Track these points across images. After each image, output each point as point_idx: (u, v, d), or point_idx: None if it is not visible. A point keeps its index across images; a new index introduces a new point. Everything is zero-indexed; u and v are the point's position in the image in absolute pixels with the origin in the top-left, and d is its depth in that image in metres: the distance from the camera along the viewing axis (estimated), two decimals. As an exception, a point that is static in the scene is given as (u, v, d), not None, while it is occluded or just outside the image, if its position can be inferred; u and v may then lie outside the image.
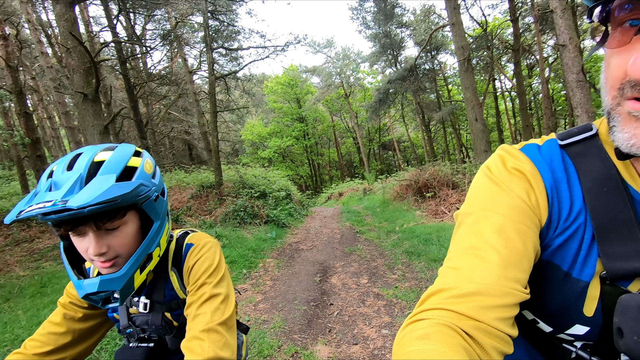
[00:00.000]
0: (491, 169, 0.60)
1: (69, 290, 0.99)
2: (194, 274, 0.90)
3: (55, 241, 7.20)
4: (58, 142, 22.53)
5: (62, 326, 0.94)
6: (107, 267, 0.79)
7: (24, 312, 3.93)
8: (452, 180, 8.32)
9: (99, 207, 0.68)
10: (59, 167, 0.76)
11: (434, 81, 19.54)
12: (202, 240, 0.97)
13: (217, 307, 0.84)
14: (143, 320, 0.95)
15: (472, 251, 0.53)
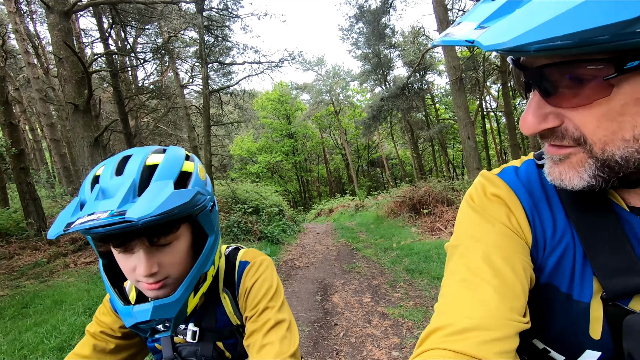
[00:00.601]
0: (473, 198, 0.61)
1: (100, 318, 0.86)
2: (253, 297, 0.79)
3: (37, 258, 6.81)
4: (40, 155, 21.86)
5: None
6: (155, 288, 0.68)
7: (4, 336, 3.63)
8: (446, 197, 8.35)
9: (156, 219, 0.57)
10: (106, 171, 0.66)
11: (422, 100, 19.96)
12: (257, 257, 0.86)
13: (284, 336, 0.73)
14: (191, 351, 0.83)
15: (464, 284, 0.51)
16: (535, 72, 0.44)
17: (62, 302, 4.49)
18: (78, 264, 6.54)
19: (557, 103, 0.43)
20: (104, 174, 0.65)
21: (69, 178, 13.61)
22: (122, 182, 0.63)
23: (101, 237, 0.63)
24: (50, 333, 3.52)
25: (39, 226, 7.82)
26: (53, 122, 13.99)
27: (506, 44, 0.36)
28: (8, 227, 7.97)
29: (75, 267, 6.33)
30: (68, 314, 4.03)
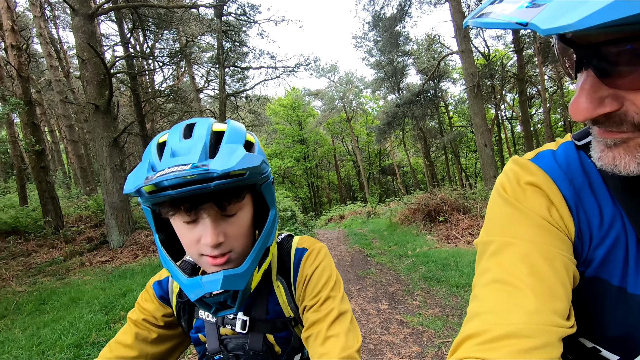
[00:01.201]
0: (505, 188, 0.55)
1: (142, 305, 0.82)
2: (313, 286, 0.74)
3: (53, 255, 6.90)
4: (57, 156, 22.36)
5: (133, 349, 0.77)
6: (220, 263, 0.65)
7: (22, 331, 3.65)
8: (463, 205, 8.20)
9: (227, 183, 0.58)
10: (174, 135, 0.64)
11: (436, 108, 19.83)
12: (315, 244, 0.81)
13: (349, 329, 0.68)
14: (238, 343, 0.77)
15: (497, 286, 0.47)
16: (591, 50, 0.37)
17: (78, 300, 4.50)
18: (94, 262, 6.59)
19: (617, 84, 0.38)
20: (171, 138, 0.64)
21: (86, 179, 13.85)
22: (192, 143, 0.61)
23: (171, 200, 0.60)
24: (68, 330, 3.52)
25: (56, 224, 7.94)
26: (72, 123, 14.31)
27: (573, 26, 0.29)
28: (27, 224, 8.11)
29: (91, 266, 6.38)
30: (85, 311, 4.04)
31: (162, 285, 0.83)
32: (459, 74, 23.03)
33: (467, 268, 5.17)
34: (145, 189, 0.57)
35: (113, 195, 7.17)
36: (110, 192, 7.17)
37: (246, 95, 13.88)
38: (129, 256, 6.81)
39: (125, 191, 0.58)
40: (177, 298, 0.80)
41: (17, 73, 7.41)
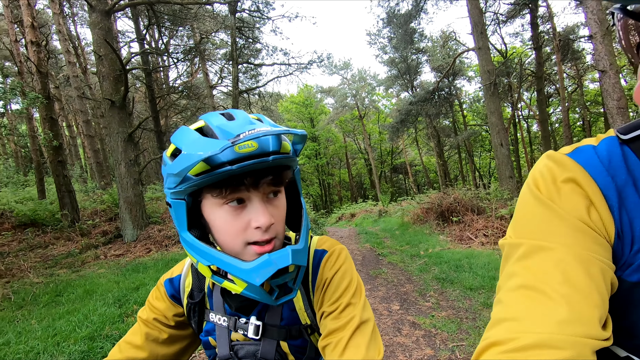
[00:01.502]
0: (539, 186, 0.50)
1: (153, 304, 0.79)
2: (333, 291, 0.70)
3: (69, 248, 7.05)
4: (74, 150, 22.86)
5: (143, 350, 0.74)
6: (268, 250, 0.62)
7: (39, 322, 3.72)
8: (477, 205, 8.04)
9: (281, 158, 0.60)
10: (217, 119, 0.62)
11: (451, 106, 19.52)
12: (335, 246, 0.77)
13: (370, 339, 0.63)
14: (249, 350, 0.73)
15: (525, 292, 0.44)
16: None
17: (93, 292, 4.57)
18: (108, 255, 6.70)
19: None
20: (216, 121, 0.62)
21: (101, 173, 14.11)
22: (241, 121, 0.62)
23: (228, 175, 0.58)
24: (82, 322, 3.57)
25: (72, 218, 8.11)
26: (89, 119, 14.59)
27: None
28: (44, 217, 8.30)
29: (106, 259, 6.49)
30: (99, 304, 4.09)
31: (173, 284, 0.80)
32: (475, 71, 22.63)
33: (481, 270, 5.06)
34: (195, 169, 0.56)
35: (127, 189, 7.27)
36: (125, 187, 7.27)
37: (259, 92, 13.90)
38: (142, 250, 6.90)
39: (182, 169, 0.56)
40: (188, 298, 0.77)
41: (37, 69, 7.56)
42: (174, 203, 0.63)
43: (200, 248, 0.64)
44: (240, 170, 0.56)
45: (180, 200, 0.62)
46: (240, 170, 0.56)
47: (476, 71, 22.59)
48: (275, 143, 0.60)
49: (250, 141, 0.57)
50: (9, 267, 5.72)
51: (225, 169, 0.56)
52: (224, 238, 0.64)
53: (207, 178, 0.57)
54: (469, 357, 2.93)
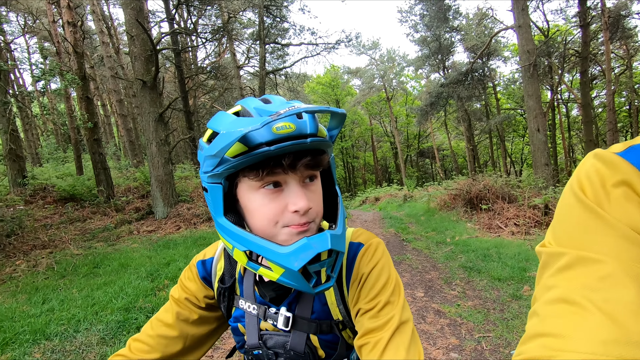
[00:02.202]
0: (585, 189, 0.44)
1: (185, 283, 0.79)
2: (370, 287, 0.66)
3: (105, 223, 7.42)
4: (109, 129, 23.79)
5: (174, 329, 0.75)
6: (306, 229, 0.61)
7: (79, 291, 3.96)
8: (508, 193, 7.74)
9: (318, 141, 0.59)
10: (253, 103, 0.62)
11: (484, 88, 18.63)
12: (372, 239, 0.73)
13: (410, 341, 0.60)
14: (279, 341, 0.72)
15: (566, 307, 0.39)
16: None
17: (127, 266, 4.82)
18: (141, 231, 7.01)
19: None
20: (253, 102, 0.62)
21: (134, 151, 14.64)
22: (277, 104, 0.61)
23: (265, 156, 0.56)
24: (118, 294, 3.78)
25: (108, 194, 8.50)
26: (122, 98, 15.05)
27: None
28: (82, 192, 8.76)
29: (138, 235, 6.79)
30: (133, 277, 4.31)
31: (205, 266, 0.80)
32: (512, 51, 21.40)
33: (510, 260, 4.90)
34: (232, 151, 0.55)
35: (158, 168, 7.50)
36: (156, 165, 7.51)
37: (285, 73, 13.78)
38: (172, 227, 7.17)
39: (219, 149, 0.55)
40: (219, 283, 0.77)
41: (73, 49, 7.81)
42: (210, 187, 0.62)
43: (237, 233, 0.62)
44: (277, 151, 0.55)
45: (217, 184, 0.61)
46: (277, 151, 0.55)
47: (513, 51, 21.36)
48: (313, 125, 0.59)
49: (288, 122, 0.56)
50: (52, 239, 6.10)
51: (262, 150, 0.54)
52: (259, 223, 0.62)
53: (244, 159, 0.56)
54: (495, 349, 2.88)
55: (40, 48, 15.13)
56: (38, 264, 4.87)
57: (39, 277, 4.51)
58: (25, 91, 13.36)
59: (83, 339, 2.86)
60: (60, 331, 2.98)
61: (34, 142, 18.54)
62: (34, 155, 16.21)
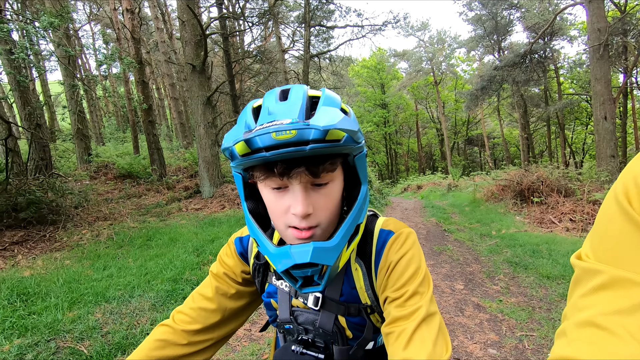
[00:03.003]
0: (630, 196, 0.36)
1: (224, 259, 0.83)
2: (398, 276, 0.66)
3: (158, 199, 7.97)
4: (162, 111, 25.21)
5: (213, 302, 0.80)
6: (305, 237, 0.62)
7: (134, 261, 4.33)
8: (565, 186, 7.16)
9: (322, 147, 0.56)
10: (268, 99, 0.63)
11: (544, 71, 17.11)
12: (403, 229, 0.72)
13: (437, 334, 0.59)
14: (309, 318, 0.75)
15: (596, 332, 0.35)
16: None
17: (176, 240, 5.16)
18: (189, 209, 7.45)
19: None
20: (267, 101, 0.63)
21: (184, 133, 15.43)
22: (289, 105, 0.60)
23: (263, 164, 0.59)
24: (167, 265, 4.07)
25: (160, 172, 9.09)
26: (174, 82, 15.82)
27: None
28: (138, 170, 9.44)
29: (187, 212, 7.23)
30: (180, 251, 4.61)
31: (242, 243, 0.84)
32: (580, 30, 19.36)
33: (563, 258, 4.58)
34: (239, 150, 0.57)
35: (206, 150, 7.86)
36: (204, 147, 7.87)
37: (330, 56, 13.62)
38: (217, 206, 7.53)
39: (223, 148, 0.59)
40: (255, 259, 0.80)
41: (131, 35, 8.29)
42: (234, 174, 0.67)
43: (248, 219, 0.68)
44: (273, 157, 0.55)
45: (238, 173, 0.66)
46: (273, 157, 0.55)
47: (582, 30, 19.31)
48: (318, 131, 0.55)
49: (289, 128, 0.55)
50: (112, 212, 6.68)
51: (259, 155, 0.55)
52: (271, 216, 0.66)
53: (246, 160, 0.58)
54: (538, 349, 2.74)
55: (103, 34, 16.26)
56: (100, 234, 5.38)
57: (100, 246, 4.99)
58: (90, 75, 14.50)
59: (136, 304, 3.14)
60: (117, 295, 3.28)
61: (98, 122, 20.19)
62: (97, 135, 17.68)
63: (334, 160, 0.61)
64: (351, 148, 0.61)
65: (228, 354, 2.65)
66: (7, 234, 5.05)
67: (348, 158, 0.65)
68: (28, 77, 6.26)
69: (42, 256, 4.53)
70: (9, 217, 5.31)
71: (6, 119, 5.85)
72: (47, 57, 9.80)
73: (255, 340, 2.84)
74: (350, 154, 0.64)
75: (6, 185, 5.55)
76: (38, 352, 2.38)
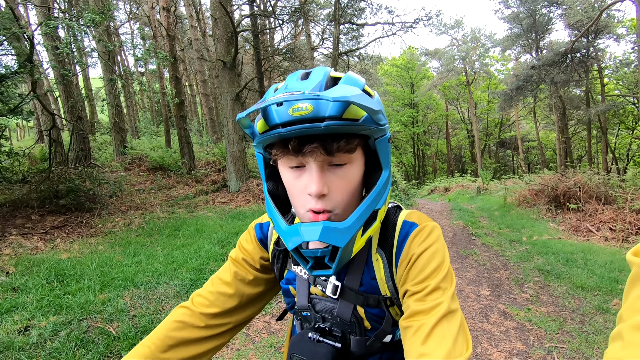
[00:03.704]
0: None
1: (243, 245, 0.84)
2: (420, 270, 0.63)
3: (186, 192, 8.22)
4: (194, 107, 25.97)
5: (231, 287, 0.80)
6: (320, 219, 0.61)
7: (162, 249, 4.49)
8: (605, 193, 6.74)
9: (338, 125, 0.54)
10: (291, 79, 0.62)
11: (586, 72, 16.16)
12: (427, 222, 0.69)
13: (458, 331, 0.56)
14: (327, 307, 0.74)
15: None
16: None
17: (202, 232, 5.30)
18: (215, 202, 7.64)
19: None
20: (289, 80, 0.63)
21: (214, 128, 15.83)
22: (309, 83, 0.59)
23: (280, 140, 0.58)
24: (193, 255, 4.19)
25: (190, 166, 9.37)
26: (205, 79, 16.25)
27: None
28: (169, 163, 9.78)
29: (213, 205, 7.41)
30: (206, 242, 4.74)
31: (262, 229, 0.84)
32: (628, 28, 18.13)
33: (600, 269, 4.32)
34: (259, 128, 0.57)
35: (233, 145, 8.02)
36: (231, 142, 8.04)
37: (359, 54, 13.50)
38: (242, 200, 7.67)
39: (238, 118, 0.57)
40: (275, 245, 0.80)
41: (166, 32, 8.58)
42: (256, 154, 0.68)
43: (266, 197, 0.69)
44: (289, 133, 0.54)
45: (259, 152, 0.66)
46: (289, 133, 0.54)
47: (630, 27, 18.09)
48: (335, 107, 0.54)
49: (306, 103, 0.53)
50: (143, 202, 6.96)
51: (276, 132, 0.55)
52: (290, 198, 0.65)
53: (265, 137, 0.58)
54: (569, 362, 2.59)
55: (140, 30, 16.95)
56: (132, 223, 5.62)
57: (131, 234, 5.21)
58: (128, 70, 15.16)
59: (162, 291, 3.25)
60: (145, 281, 3.42)
61: (134, 117, 21.09)
62: (133, 129, 18.48)
63: (350, 140, 0.59)
64: (371, 130, 0.59)
65: (247, 344, 2.70)
66: (48, 218, 5.38)
67: (369, 141, 0.62)
68: (71, 72, 6.63)
69: (79, 241, 4.79)
70: (51, 203, 5.65)
71: (51, 111, 6.23)
72: (89, 53, 10.35)
73: (274, 333, 2.87)
74: (371, 137, 0.61)
75: (49, 173, 5.91)
76: (71, 330, 2.51)
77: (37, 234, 4.77)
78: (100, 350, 2.34)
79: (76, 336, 2.44)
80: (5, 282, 3.21)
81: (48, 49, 6.12)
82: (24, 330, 2.49)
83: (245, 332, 2.88)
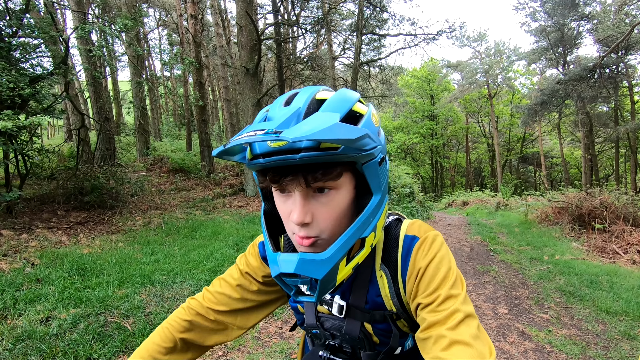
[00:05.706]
0: None
1: (248, 259, 0.84)
2: (428, 281, 0.62)
3: (205, 194, 8.37)
4: (215, 112, 26.54)
5: (236, 292, 0.82)
6: (305, 245, 0.60)
7: (178, 249, 4.56)
8: (634, 214, 6.46)
9: (315, 156, 0.51)
10: (276, 103, 0.61)
11: (615, 88, 15.65)
12: (428, 232, 0.69)
13: (477, 335, 0.55)
14: (335, 325, 0.74)
15: None
16: None
17: (218, 234, 5.37)
18: (232, 205, 7.73)
19: None
20: (274, 105, 0.61)
21: (234, 133, 16.10)
22: (288, 110, 0.56)
23: (261, 168, 0.59)
24: (208, 257, 4.25)
25: (209, 169, 9.55)
26: (228, 85, 16.61)
27: None
28: (189, 166, 10.00)
29: (230, 208, 7.51)
30: (221, 244, 4.79)
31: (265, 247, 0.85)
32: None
33: (626, 293, 4.12)
34: (248, 155, 0.58)
35: (252, 150, 8.11)
36: (250, 147, 8.14)
37: (380, 65, 13.53)
38: (259, 205, 7.74)
39: (213, 154, 0.58)
40: None
41: (193, 39, 8.85)
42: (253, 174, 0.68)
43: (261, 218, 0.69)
44: (268, 164, 0.54)
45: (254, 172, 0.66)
46: (268, 164, 0.54)
47: (664, 44, 17.46)
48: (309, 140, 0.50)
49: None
50: (163, 203, 7.12)
51: (257, 162, 0.55)
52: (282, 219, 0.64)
53: (250, 165, 0.59)
54: (591, 389, 2.47)
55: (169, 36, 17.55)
56: (151, 222, 5.75)
57: (150, 233, 5.33)
58: (154, 74, 15.68)
59: (178, 290, 3.30)
60: (161, 279, 3.48)
61: (157, 119, 21.72)
62: (156, 131, 19.01)
63: (329, 170, 0.56)
64: (355, 156, 0.55)
65: (258, 349, 2.70)
66: (72, 214, 5.57)
67: (356, 166, 0.59)
68: (102, 74, 6.92)
69: (100, 237, 4.93)
70: (76, 199, 5.85)
71: (81, 111, 6.50)
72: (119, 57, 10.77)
73: (286, 339, 2.86)
74: (358, 162, 0.58)
75: (75, 170, 6.13)
76: (89, 323, 2.58)
77: (62, 229, 4.94)
78: (116, 345, 2.39)
79: (94, 329, 2.50)
80: (30, 273, 3.33)
81: (81, 52, 6.41)
82: (45, 320, 2.56)
83: (256, 336, 2.89)
